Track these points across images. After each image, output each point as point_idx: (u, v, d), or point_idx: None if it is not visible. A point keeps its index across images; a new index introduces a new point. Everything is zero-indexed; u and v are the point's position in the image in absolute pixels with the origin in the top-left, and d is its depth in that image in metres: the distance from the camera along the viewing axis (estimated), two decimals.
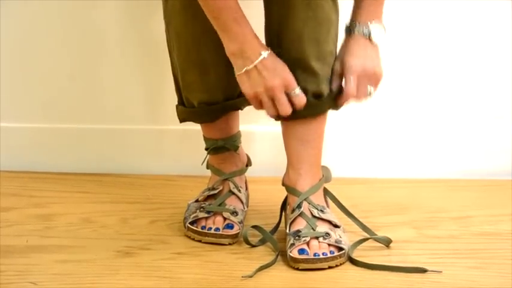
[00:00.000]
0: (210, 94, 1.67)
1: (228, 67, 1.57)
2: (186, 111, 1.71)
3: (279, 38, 1.58)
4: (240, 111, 1.75)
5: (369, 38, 1.59)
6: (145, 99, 2.06)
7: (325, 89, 1.60)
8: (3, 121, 2.07)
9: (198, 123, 1.73)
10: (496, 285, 1.52)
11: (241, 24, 1.53)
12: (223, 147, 1.73)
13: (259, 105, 1.58)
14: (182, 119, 1.73)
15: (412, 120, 2.06)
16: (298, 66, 1.57)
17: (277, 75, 1.54)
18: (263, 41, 1.58)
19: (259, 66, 1.54)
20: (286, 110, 1.56)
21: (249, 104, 1.63)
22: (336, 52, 1.62)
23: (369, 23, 1.59)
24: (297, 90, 1.56)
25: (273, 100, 1.56)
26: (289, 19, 1.56)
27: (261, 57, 1.53)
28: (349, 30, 1.60)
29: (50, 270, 1.55)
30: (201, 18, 1.56)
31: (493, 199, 1.91)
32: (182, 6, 1.61)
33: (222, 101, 1.69)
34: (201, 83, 1.66)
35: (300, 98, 1.56)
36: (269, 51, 1.54)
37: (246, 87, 1.56)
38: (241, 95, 1.64)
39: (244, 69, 1.54)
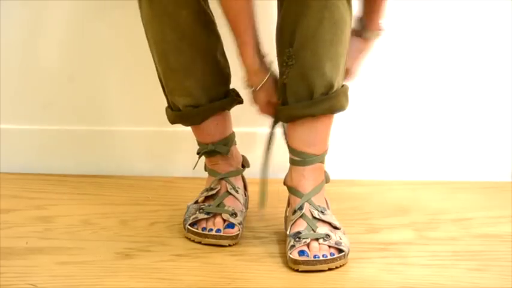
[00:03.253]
0: (193, 98, 1.67)
1: (208, 71, 1.58)
2: (174, 114, 1.72)
3: (292, 37, 1.57)
4: (239, 113, 1.75)
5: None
6: (145, 100, 2.05)
7: (331, 88, 1.59)
8: (3, 123, 2.07)
9: (186, 125, 1.73)
10: (496, 287, 1.52)
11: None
12: (214, 151, 1.73)
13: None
14: (172, 121, 1.74)
15: (412, 122, 2.06)
16: (308, 66, 1.57)
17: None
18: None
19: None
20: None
21: (236, 104, 1.71)
22: (346, 54, 1.62)
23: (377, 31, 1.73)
24: None
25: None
26: (304, 18, 1.55)
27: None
28: (363, 34, 1.73)
29: (50, 272, 1.55)
30: (174, 25, 1.57)
31: (493, 201, 1.91)
32: (154, 15, 1.61)
33: (206, 103, 1.69)
34: (183, 88, 1.66)
35: None
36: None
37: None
38: (227, 95, 1.68)
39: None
